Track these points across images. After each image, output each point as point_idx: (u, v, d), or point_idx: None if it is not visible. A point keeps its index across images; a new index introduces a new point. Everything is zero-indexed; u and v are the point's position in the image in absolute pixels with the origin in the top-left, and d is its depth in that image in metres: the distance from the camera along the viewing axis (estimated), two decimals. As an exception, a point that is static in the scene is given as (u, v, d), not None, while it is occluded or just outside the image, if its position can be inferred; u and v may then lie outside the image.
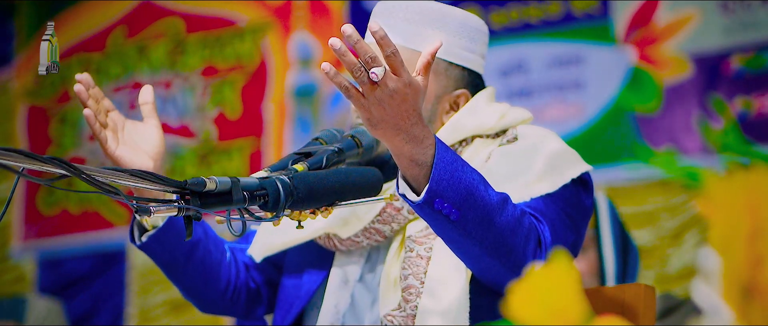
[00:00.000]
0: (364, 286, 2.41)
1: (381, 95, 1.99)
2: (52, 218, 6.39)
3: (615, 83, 5.03)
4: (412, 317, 2.26)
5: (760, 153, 1.16)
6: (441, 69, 2.39)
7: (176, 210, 1.92)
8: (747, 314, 1.02)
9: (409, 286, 2.28)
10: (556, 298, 1.03)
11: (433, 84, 2.36)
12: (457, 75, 2.41)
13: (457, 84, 2.41)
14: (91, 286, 6.14)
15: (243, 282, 2.53)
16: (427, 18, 2.39)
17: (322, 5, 5.88)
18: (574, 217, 2.31)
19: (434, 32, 2.37)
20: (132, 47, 6.37)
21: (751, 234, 1.01)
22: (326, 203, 2.11)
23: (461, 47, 2.41)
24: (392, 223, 2.36)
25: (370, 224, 2.37)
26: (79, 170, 1.81)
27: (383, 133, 2.04)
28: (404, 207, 2.34)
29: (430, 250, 2.30)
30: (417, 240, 2.32)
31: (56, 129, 6.52)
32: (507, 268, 2.17)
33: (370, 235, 2.38)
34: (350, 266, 2.42)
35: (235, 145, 6.03)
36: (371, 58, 1.98)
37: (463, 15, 2.43)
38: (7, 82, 6.65)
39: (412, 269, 2.29)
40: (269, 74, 6.00)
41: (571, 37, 5.17)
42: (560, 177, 2.31)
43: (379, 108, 2.00)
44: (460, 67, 2.41)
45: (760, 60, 4.76)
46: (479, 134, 2.39)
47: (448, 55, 2.39)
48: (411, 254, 2.30)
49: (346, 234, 2.39)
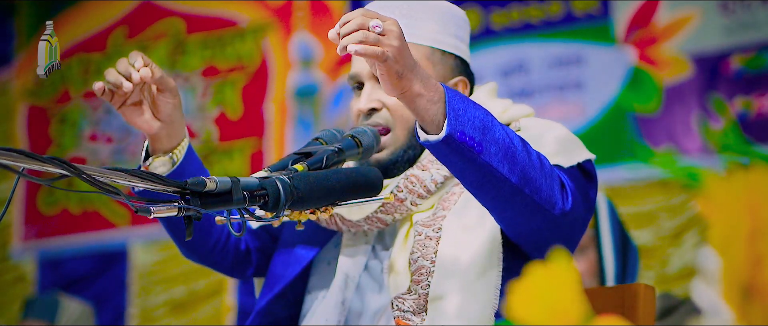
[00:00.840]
0: (368, 275, 2.41)
1: (390, 40, 2.01)
2: (53, 218, 6.40)
3: (615, 83, 5.03)
4: (424, 297, 2.26)
5: (759, 153, 1.16)
6: (437, 59, 2.43)
7: (176, 210, 1.92)
8: (747, 314, 1.02)
9: (419, 268, 2.28)
10: (556, 298, 1.03)
11: (432, 74, 2.39)
12: (451, 63, 2.45)
13: (453, 72, 2.45)
14: (92, 286, 6.14)
15: (233, 243, 2.53)
16: (419, 11, 2.42)
17: (322, 5, 5.88)
18: None
19: (427, 24, 2.42)
20: (133, 47, 6.36)
21: (750, 234, 1.01)
22: (326, 203, 2.11)
23: (451, 36, 2.45)
24: (395, 213, 2.37)
25: (372, 213, 2.38)
26: (79, 170, 1.81)
27: (408, 83, 2.04)
28: (407, 198, 2.35)
29: (439, 231, 2.30)
30: (424, 224, 2.32)
31: (56, 129, 6.52)
32: (536, 208, 2.16)
33: (372, 223, 2.40)
34: (356, 257, 2.42)
35: (236, 146, 6.03)
36: (359, 24, 2.01)
37: (448, 6, 2.48)
38: (8, 82, 6.65)
39: (422, 251, 2.29)
40: (270, 74, 6.00)
41: (571, 38, 5.17)
42: (569, 157, 2.32)
43: (397, 52, 2.02)
44: (452, 56, 2.45)
45: (760, 60, 4.76)
46: None
47: (442, 45, 2.43)
48: (419, 238, 2.31)
49: (351, 218, 2.41)
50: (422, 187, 2.35)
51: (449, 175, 2.36)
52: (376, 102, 2.40)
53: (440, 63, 2.43)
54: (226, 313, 5.91)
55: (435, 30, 2.43)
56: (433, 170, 2.36)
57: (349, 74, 2.45)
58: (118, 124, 6.36)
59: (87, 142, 6.42)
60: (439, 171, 2.36)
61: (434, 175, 2.36)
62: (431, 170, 2.36)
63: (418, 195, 2.35)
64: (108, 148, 6.37)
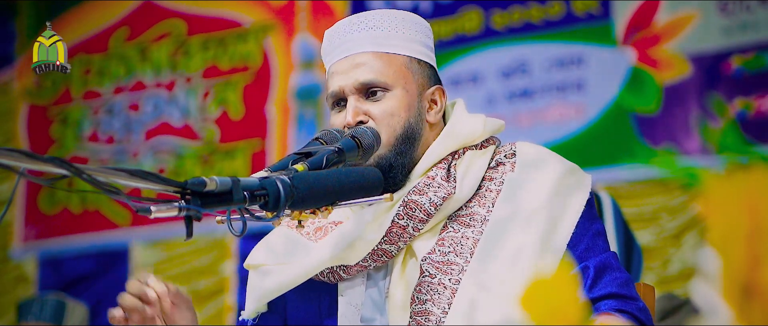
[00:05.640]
0: (370, 302, 2.38)
1: None
2: (53, 218, 6.40)
3: (615, 84, 5.03)
4: None
5: (759, 153, 1.17)
6: (415, 68, 2.43)
7: (177, 210, 1.92)
8: (747, 313, 1.02)
9: (426, 312, 2.26)
10: (556, 298, 1.03)
11: (412, 83, 2.41)
12: (427, 71, 2.46)
13: (429, 80, 2.46)
14: (93, 286, 6.14)
15: None
16: (392, 23, 2.43)
17: (324, 5, 5.88)
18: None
19: (401, 34, 2.43)
20: (134, 48, 6.37)
21: (750, 234, 1.02)
22: (326, 203, 2.11)
23: (421, 44, 2.46)
24: (398, 242, 2.35)
25: (377, 246, 2.34)
26: (79, 170, 1.81)
27: None
28: (409, 225, 2.33)
29: (457, 283, 2.28)
30: (438, 266, 2.30)
31: (57, 129, 6.52)
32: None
33: (377, 257, 2.36)
34: (355, 290, 2.39)
35: (238, 146, 6.03)
36: None
37: (414, 16, 2.49)
38: (9, 82, 6.65)
39: (432, 296, 2.27)
40: (272, 75, 6.00)
41: (572, 38, 5.18)
42: (574, 210, 2.33)
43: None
44: (426, 64, 2.46)
45: (760, 60, 4.76)
46: (468, 145, 2.42)
47: (415, 53, 2.44)
48: (431, 280, 2.28)
49: (355, 260, 2.36)
50: (422, 212, 2.33)
51: (447, 196, 2.34)
52: (362, 115, 2.38)
53: (418, 72, 2.43)
54: (227, 313, 5.91)
55: (407, 38, 2.43)
56: (431, 193, 2.34)
57: (330, 93, 2.42)
58: (119, 124, 6.36)
59: (87, 142, 6.42)
60: (436, 193, 2.34)
61: (433, 198, 2.33)
62: (429, 194, 2.34)
63: (419, 220, 2.33)
64: (109, 148, 6.37)
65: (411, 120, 2.39)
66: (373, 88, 2.39)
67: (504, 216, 2.32)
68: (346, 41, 2.43)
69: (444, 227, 2.35)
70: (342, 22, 2.46)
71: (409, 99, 2.40)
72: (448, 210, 2.35)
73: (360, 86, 2.39)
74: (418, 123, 2.41)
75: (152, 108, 6.29)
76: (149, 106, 6.30)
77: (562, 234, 2.30)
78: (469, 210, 2.36)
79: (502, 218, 2.32)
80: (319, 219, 2.20)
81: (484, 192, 2.37)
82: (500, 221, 2.32)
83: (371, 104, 2.39)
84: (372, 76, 2.39)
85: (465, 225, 2.34)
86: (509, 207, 2.33)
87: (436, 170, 2.38)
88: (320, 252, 2.37)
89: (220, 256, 5.96)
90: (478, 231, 2.32)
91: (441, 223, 2.36)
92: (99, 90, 6.43)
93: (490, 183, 2.39)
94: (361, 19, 2.44)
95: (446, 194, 2.33)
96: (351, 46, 2.42)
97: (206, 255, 5.99)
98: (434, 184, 2.34)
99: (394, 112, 2.38)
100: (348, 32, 2.43)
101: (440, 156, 2.39)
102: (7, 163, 1.76)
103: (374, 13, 2.46)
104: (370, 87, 2.39)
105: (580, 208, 2.34)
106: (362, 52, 2.41)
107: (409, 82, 2.41)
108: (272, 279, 2.43)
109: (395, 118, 2.38)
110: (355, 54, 2.41)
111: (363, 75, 2.39)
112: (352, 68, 2.40)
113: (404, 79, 2.41)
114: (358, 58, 2.41)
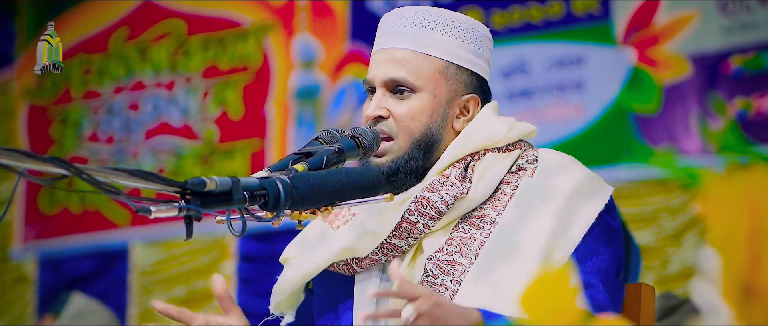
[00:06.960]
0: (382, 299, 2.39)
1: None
2: (53, 218, 6.40)
3: (615, 83, 5.03)
4: None
5: (759, 153, 1.17)
6: (451, 73, 2.42)
7: (176, 209, 1.92)
8: (747, 313, 1.02)
9: None
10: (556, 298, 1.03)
11: (443, 89, 2.40)
12: (465, 79, 2.43)
13: (466, 88, 2.43)
14: (93, 286, 6.13)
15: None
16: (436, 22, 2.42)
17: (324, 6, 5.88)
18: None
19: (444, 36, 2.41)
20: (134, 48, 6.37)
21: (750, 234, 1.02)
22: (326, 203, 2.11)
23: (469, 51, 2.44)
24: (408, 238, 2.35)
25: (386, 240, 2.35)
26: (79, 170, 1.81)
27: None
28: (419, 221, 2.34)
29: (457, 284, 2.28)
30: (442, 266, 2.31)
31: (57, 129, 6.52)
32: None
33: (387, 252, 2.36)
34: (370, 282, 2.39)
35: (237, 146, 6.03)
36: None
37: (471, 21, 2.47)
38: (9, 82, 6.65)
39: None
40: (272, 75, 6.00)
41: (571, 38, 5.18)
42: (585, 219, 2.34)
43: None
44: (468, 71, 2.44)
45: (760, 60, 4.77)
46: (489, 147, 2.41)
47: (457, 59, 2.42)
48: (433, 280, 2.30)
49: (364, 253, 2.37)
50: (433, 209, 2.33)
51: (458, 196, 2.34)
52: (384, 110, 2.39)
53: (454, 78, 2.42)
54: (227, 313, 5.91)
55: (452, 43, 2.41)
56: (443, 192, 2.34)
57: (365, 79, 2.45)
58: (119, 124, 6.36)
59: (87, 142, 6.42)
60: (448, 192, 2.34)
61: (444, 196, 2.33)
62: (441, 192, 2.34)
63: (430, 218, 2.33)
64: (108, 148, 6.37)
65: (432, 126, 2.39)
66: (400, 87, 2.39)
67: (512, 220, 2.32)
68: (392, 32, 2.43)
69: (456, 226, 2.36)
70: (396, 12, 2.45)
71: (434, 104, 2.39)
72: (462, 210, 2.35)
73: (389, 81, 2.39)
74: (441, 129, 2.40)
75: (152, 108, 6.29)
76: (149, 106, 6.30)
77: (568, 242, 2.30)
78: (482, 212, 2.36)
79: (511, 222, 2.32)
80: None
81: (499, 196, 2.37)
82: (508, 225, 2.32)
83: (396, 102, 2.39)
84: (402, 75, 2.39)
85: (475, 227, 2.35)
86: (520, 211, 2.33)
87: (452, 169, 2.37)
88: (334, 244, 2.39)
89: (220, 256, 5.96)
90: (486, 233, 2.32)
91: (454, 222, 2.36)
92: (99, 90, 6.43)
93: (506, 186, 2.38)
94: (412, 13, 2.42)
95: (458, 194, 2.33)
96: (394, 39, 2.42)
97: (206, 255, 5.99)
98: (448, 183, 2.34)
99: (415, 115, 2.38)
100: (396, 23, 2.43)
101: (458, 156, 2.39)
102: (7, 162, 1.76)
103: (426, 10, 2.44)
104: (398, 84, 2.39)
105: (590, 218, 2.34)
106: (401, 48, 2.41)
107: (439, 87, 2.40)
108: (291, 271, 2.46)
109: (415, 122, 2.38)
110: (394, 48, 2.41)
111: (394, 71, 2.39)
112: (387, 61, 2.41)
113: (435, 83, 2.40)
114: (396, 52, 2.41)
